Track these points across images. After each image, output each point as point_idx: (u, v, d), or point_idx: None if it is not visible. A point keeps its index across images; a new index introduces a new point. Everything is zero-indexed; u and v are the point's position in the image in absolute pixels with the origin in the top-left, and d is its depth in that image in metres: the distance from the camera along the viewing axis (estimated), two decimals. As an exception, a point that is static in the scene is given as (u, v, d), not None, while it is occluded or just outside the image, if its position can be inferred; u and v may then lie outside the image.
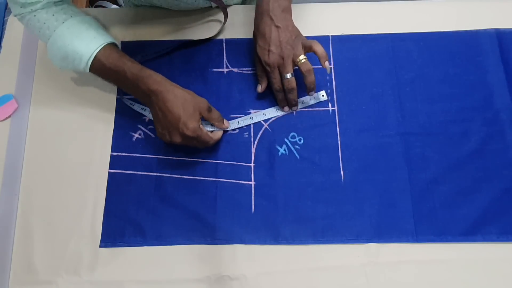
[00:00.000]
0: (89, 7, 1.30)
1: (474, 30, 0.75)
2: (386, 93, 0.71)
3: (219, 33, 0.76)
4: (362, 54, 0.74)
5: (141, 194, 0.67)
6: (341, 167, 0.68)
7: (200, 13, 0.78)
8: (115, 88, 0.73)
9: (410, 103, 0.71)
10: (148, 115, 0.70)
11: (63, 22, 0.63)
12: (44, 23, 0.63)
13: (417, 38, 0.75)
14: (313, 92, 0.68)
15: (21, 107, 0.73)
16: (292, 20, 0.67)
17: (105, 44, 0.64)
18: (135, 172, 0.68)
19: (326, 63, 0.65)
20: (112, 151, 0.69)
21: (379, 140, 0.69)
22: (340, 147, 0.68)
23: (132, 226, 0.65)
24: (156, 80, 0.62)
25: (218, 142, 0.68)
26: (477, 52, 0.73)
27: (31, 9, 0.63)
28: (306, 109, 0.71)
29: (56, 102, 0.73)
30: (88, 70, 0.64)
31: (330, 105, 0.71)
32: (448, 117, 0.70)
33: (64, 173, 0.68)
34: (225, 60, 0.75)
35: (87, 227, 0.65)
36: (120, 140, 0.70)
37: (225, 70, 0.74)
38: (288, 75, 0.66)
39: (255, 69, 0.71)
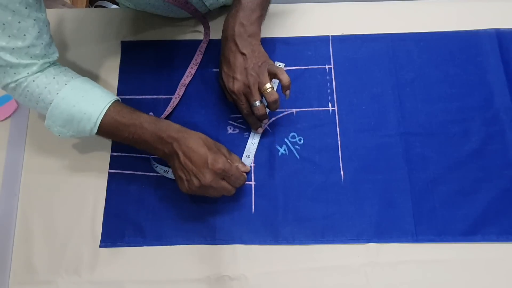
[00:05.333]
0: (89, 7, 1.30)
1: (474, 30, 0.75)
2: (386, 93, 0.71)
3: (207, 40, 0.75)
4: (362, 54, 0.74)
5: (141, 194, 0.67)
6: (341, 167, 0.68)
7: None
8: (116, 86, 0.73)
9: (410, 103, 0.71)
10: (170, 176, 0.66)
11: (66, 84, 0.59)
12: (45, 87, 0.58)
13: (417, 38, 0.75)
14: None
15: (21, 107, 0.73)
16: (259, 45, 0.64)
17: (113, 101, 0.61)
18: (135, 172, 0.68)
19: (287, 92, 0.63)
20: (112, 151, 0.69)
21: (379, 140, 0.69)
22: (340, 147, 0.68)
23: (132, 226, 0.65)
24: (175, 128, 0.60)
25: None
26: (477, 52, 0.73)
27: (27, 73, 0.57)
28: (306, 109, 0.71)
29: (56, 102, 0.73)
30: (95, 131, 0.60)
31: (330, 105, 0.71)
32: (448, 117, 0.70)
33: (64, 173, 0.68)
34: (225, 60, 0.75)
35: (87, 227, 0.65)
36: (120, 140, 0.70)
37: (225, 70, 0.74)
38: (257, 103, 0.63)
39: (224, 93, 0.70)
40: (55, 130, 0.61)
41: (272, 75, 0.63)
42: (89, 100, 0.59)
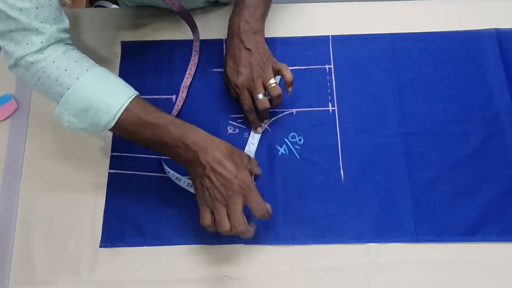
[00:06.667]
0: (89, 7, 1.30)
1: (474, 30, 0.75)
2: (386, 93, 0.71)
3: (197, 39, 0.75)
4: (362, 54, 0.74)
5: (141, 194, 0.67)
6: (341, 167, 0.68)
7: (200, 13, 0.78)
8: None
9: (410, 103, 0.71)
10: (182, 184, 0.66)
11: (87, 70, 0.55)
12: (66, 70, 0.54)
13: (417, 38, 0.75)
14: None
15: (21, 107, 0.73)
16: (264, 42, 0.66)
17: (136, 95, 0.57)
18: (135, 172, 0.68)
19: (290, 88, 0.64)
20: (112, 151, 0.69)
21: (379, 140, 0.69)
22: (340, 147, 0.68)
23: (132, 226, 0.65)
24: (201, 134, 0.57)
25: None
26: (477, 52, 0.73)
27: (41, 42, 0.53)
28: (306, 109, 0.71)
29: (56, 102, 0.73)
30: (112, 125, 0.55)
31: (330, 105, 0.71)
32: (448, 117, 0.70)
33: (64, 173, 0.68)
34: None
35: (87, 227, 0.65)
36: (120, 140, 0.70)
37: (225, 70, 0.74)
38: (260, 96, 0.64)
39: (229, 90, 0.70)
40: (65, 120, 0.56)
41: (276, 72, 0.64)
42: (110, 91, 0.55)
